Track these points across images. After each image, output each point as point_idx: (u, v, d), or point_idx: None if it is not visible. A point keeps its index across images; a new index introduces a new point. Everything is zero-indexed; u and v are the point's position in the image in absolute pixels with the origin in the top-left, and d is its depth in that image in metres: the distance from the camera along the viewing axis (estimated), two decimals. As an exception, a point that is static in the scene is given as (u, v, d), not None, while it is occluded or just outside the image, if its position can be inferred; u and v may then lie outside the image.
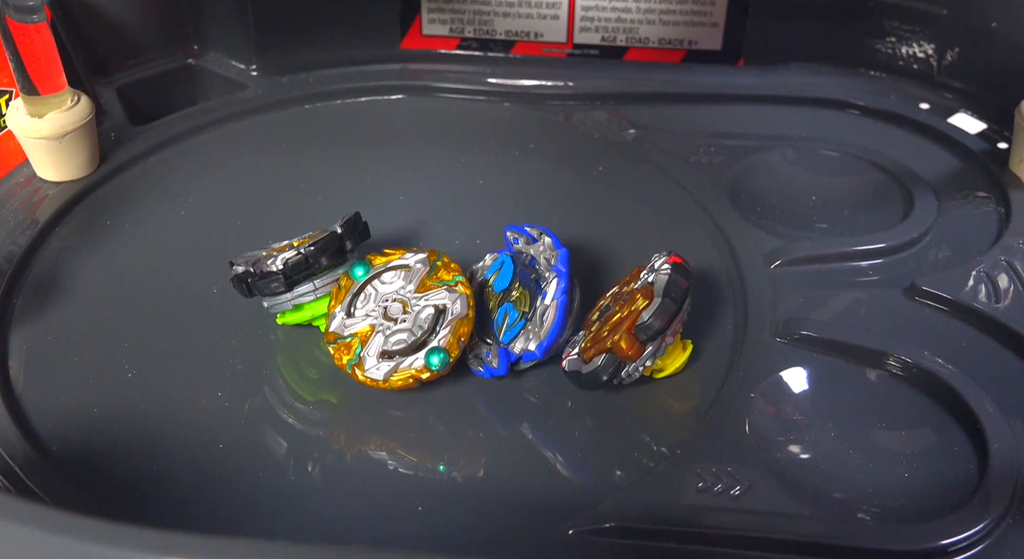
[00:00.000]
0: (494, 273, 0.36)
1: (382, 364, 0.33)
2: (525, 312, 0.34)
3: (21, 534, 0.23)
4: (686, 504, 0.30)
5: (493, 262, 0.36)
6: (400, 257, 0.35)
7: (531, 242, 0.36)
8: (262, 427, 0.33)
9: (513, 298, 0.35)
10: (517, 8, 0.52)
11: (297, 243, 0.35)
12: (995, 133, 0.48)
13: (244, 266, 0.34)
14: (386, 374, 0.33)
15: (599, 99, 0.51)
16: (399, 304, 0.34)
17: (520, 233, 0.36)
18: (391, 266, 0.35)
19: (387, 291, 0.34)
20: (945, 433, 0.32)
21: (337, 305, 0.34)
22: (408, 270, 0.35)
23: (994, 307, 0.37)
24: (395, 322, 0.34)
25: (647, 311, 0.31)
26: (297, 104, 0.51)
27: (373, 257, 0.35)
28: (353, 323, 0.34)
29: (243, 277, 0.34)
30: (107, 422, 0.33)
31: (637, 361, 0.32)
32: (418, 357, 0.33)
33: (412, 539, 0.29)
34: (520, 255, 0.36)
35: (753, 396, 0.33)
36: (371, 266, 0.35)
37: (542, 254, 0.35)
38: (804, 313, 0.37)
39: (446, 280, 0.34)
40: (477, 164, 0.46)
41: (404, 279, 0.35)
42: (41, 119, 0.42)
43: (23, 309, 0.37)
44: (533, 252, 0.36)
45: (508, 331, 0.34)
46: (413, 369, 0.33)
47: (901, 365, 0.34)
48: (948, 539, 0.28)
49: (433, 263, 0.35)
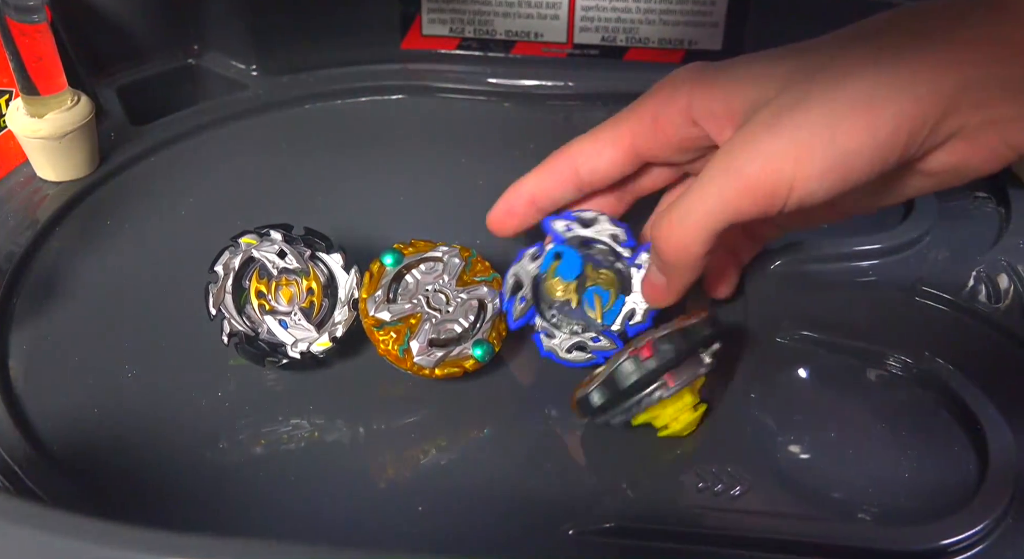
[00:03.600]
0: (551, 266, 0.35)
1: (432, 352, 0.33)
2: (618, 290, 0.34)
3: (21, 534, 0.23)
4: (686, 504, 0.30)
5: (538, 257, 0.35)
6: (433, 249, 0.35)
7: (587, 225, 0.35)
8: (262, 427, 0.33)
9: (601, 280, 0.34)
10: (517, 8, 0.52)
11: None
12: (995, 133, 0.48)
13: (244, 327, 0.35)
14: (436, 362, 0.33)
15: (599, 99, 0.51)
16: (442, 295, 0.34)
17: (567, 220, 0.35)
18: (424, 257, 0.35)
19: (427, 281, 0.35)
20: (945, 433, 0.32)
21: (372, 291, 0.34)
22: (442, 263, 0.35)
23: (994, 307, 0.37)
24: (439, 313, 0.34)
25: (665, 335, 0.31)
26: (297, 104, 0.51)
27: (402, 247, 0.35)
28: (397, 310, 0.34)
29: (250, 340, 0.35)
30: (107, 422, 0.33)
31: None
32: (465, 347, 0.34)
33: (412, 539, 0.29)
34: (571, 240, 0.35)
35: (753, 396, 0.33)
36: (402, 255, 0.35)
37: (605, 233, 0.35)
38: (804, 313, 0.37)
39: (484, 276, 0.35)
40: (477, 164, 0.46)
41: (441, 272, 0.35)
42: (41, 119, 0.42)
43: (23, 309, 0.37)
44: (592, 234, 0.35)
45: (608, 312, 0.34)
46: (460, 359, 0.34)
47: (901, 365, 0.34)
48: (948, 539, 0.28)
49: (468, 259, 0.35)
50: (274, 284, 0.35)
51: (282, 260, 0.35)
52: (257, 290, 0.35)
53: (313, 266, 0.35)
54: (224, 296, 0.34)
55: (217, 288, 0.35)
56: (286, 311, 0.35)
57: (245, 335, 0.34)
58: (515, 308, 0.34)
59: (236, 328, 0.34)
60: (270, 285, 0.35)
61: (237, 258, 0.35)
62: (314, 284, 0.35)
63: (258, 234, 0.35)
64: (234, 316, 0.34)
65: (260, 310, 0.35)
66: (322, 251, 0.35)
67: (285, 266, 0.35)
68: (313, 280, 0.35)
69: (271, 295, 0.35)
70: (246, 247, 0.35)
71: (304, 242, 0.35)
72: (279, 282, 0.35)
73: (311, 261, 0.35)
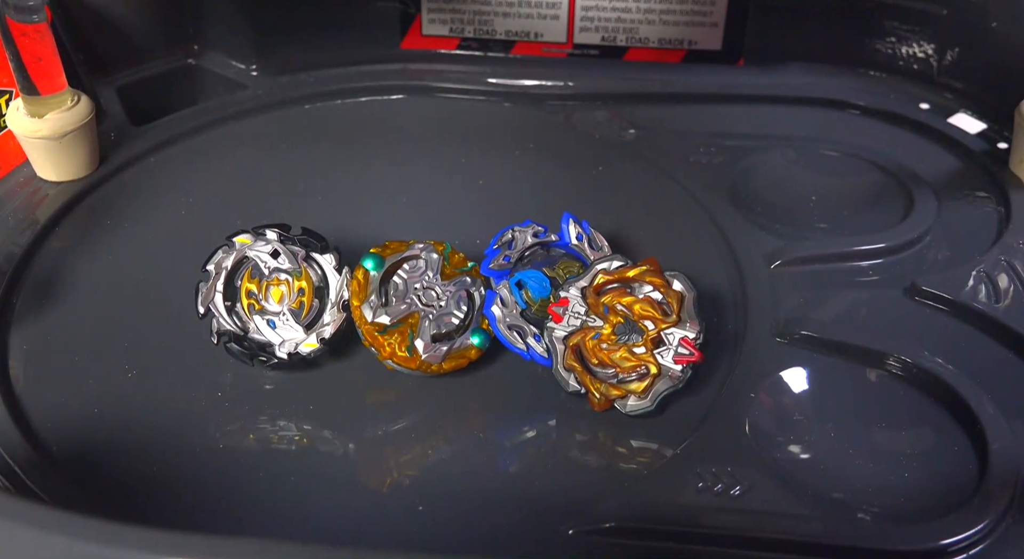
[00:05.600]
0: (525, 296, 0.35)
1: (438, 347, 0.34)
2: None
3: (21, 534, 0.23)
4: (686, 504, 0.30)
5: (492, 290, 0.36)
6: (408, 248, 0.36)
7: (510, 245, 0.36)
8: (262, 427, 0.33)
9: (572, 271, 0.36)
10: (517, 8, 0.52)
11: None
12: (995, 133, 0.48)
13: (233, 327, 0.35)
14: (443, 356, 0.34)
15: (599, 99, 0.51)
16: (432, 291, 0.35)
17: (494, 256, 0.36)
18: (404, 257, 0.35)
19: (414, 280, 0.35)
20: (945, 433, 0.32)
21: (364, 297, 0.34)
22: (423, 260, 0.35)
23: (994, 307, 0.37)
24: (434, 308, 0.35)
25: None
26: (297, 104, 0.51)
27: (379, 250, 0.35)
28: (394, 312, 0.34)
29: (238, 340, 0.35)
30: (107, 422, 0.33)
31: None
32: (464, 338, 0.34)
33: (412, 539, 0.29)
34: (516, 267, 0.36)
35: (753, 396, 0.33)
36: (382, 259, 0.35)
37: (528, 240, 0.37)
38: (804, 313, 0.37)
39: (463, 267, 0.36)
40: (477, 164, 0.46)
41: (424, 269, 0.35)
42: (41, 119, 0.42)
43: (23, 309, 0.37)
44: (521, 248, 0.36)
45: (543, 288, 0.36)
46: (463, 349, 0.34)
47: (901, 365, 0.34)
48: (948, 539, 0.28)
49: (444, 253, 0.36)
50: (265, 284, 0.35)
51: (275, 260, 0.35)
52: (247, 290, 0.35)
53: (307, 267, 0.35)
54: (214, 295, 0.34)
55: (207, 287, 0.35)
56: (275, 311, 0.35)
57: (233, 334, 0.34)
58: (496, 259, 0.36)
59: (224, 327, 0.34)
60: (261, 285, 0.35)
61: (230, 257, 0.35)
62: (305, 285, 0.35)
63: (254, 233, 0.35)
64: (223, 315, 0.34)
65: (249, 310, 0.35)
66: (316, 252, 0.35)
67: (277, 266, 0.35)
68: (304, 281, 0.35)
69: (261, 295, 0.35)
70: (240, 246, 0.35)
71: (300, 242, 0.35)
72: (270, 282, 0.35)
73: (305, 262, 0.35)
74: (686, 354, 0.33)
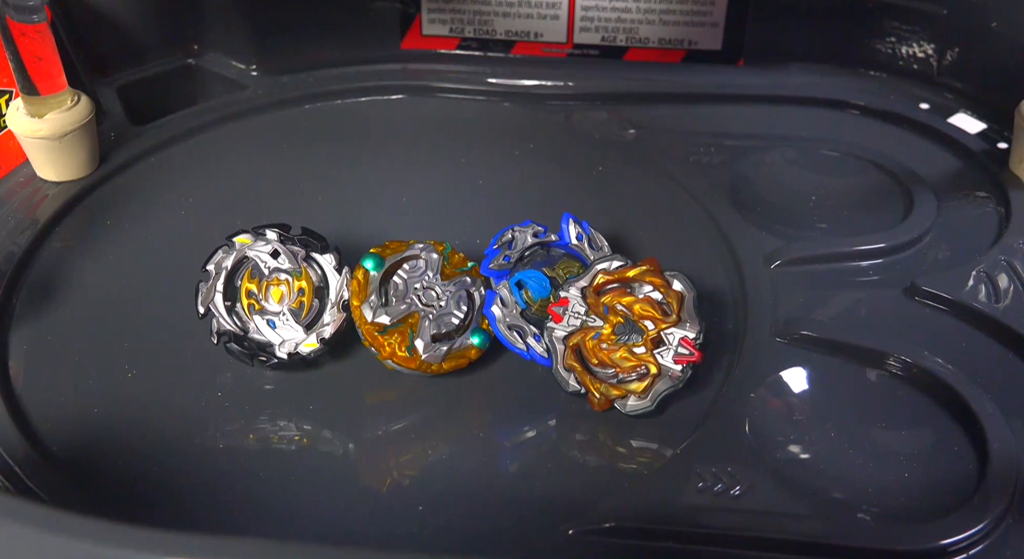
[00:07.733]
0: (525, 296, 0.35)
1: (437, 347, 0.34)
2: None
3: (21, 534, 0.23)
4: (686, 504, 0.30)
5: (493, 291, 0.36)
6: (408, 248, 0.36)
7: (511, 244, 0.36)
8: (262, 427, 0.33)
9: (572, 271, 0.36)
10: (517, 8, 0.52)
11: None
12: (995, 133, 0.48)
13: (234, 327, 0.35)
14: (443, 356, 0.34)
15: (599, 99, 0.51)
16: (432, 291, 0.35)
17: (494, 256, 0.36)
18: (404, 257, 0.35)
19: (414, 280, 0.35)
20: (945, 433, 0.32)
21: (364, 297, 0.34)
22: (423, 260, 0.35)
23: (994, 307, 0.37)
24: (434, 308, 0.34)
25: None
26: (297, 104, 0.51)
27: (379, 250, 0.35)
28: (394, 312, 0.34)
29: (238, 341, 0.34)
30: (107, 422, 0.33)
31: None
32: (464, 337, 0.34)
33: (412, 539, 0.29)
34: (516, 267, 0.36)
35: (753, 396, 0.33)
36: (382, 259, 0.35)
37: (528, 240, 0.37)
38: (804, 313, 0.37)
39: (463, 267, 0.36)
40: (477, 164, 0.46)
41: (424, 269, 0.35)
42: (41, 119, 0.42)
43: (23, 309, 0.37)
44: (521, 247, 0.36)
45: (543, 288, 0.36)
46: (463, 349, 0.34)
47: (901, 365, 0.34)
48: (948, 539, 0.28)
49: (444, 253, 0.36)
50: (265, 284, 0.35)
51: (275, 260, 0.35)
52: (247, 290, 0.35)
53: (307, 267, 0.35)
54: (214, 295, 0.34)
55: (207, 287, 0.35)
56: (275, 311, 0.35)
57: (233, 334, 0.34)
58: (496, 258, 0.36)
59: (224, 327, 0.34)
60: (261, 285, 0.35)
61: (230, 257, 0.35)
62: (305, 285, 0.35)
63: (254, 233, 0.35)
64: (223, 315, 0.34)
65: (249, 310, 0.35)
66: (316, 252, 0.35)
67: (277, 266, 0.35)
68: (304, 281, 0.35)
69: (261, 295, 0.35)
70: (240, 246, 0.35)
71: (300, 242, 0.35)
72: (270, 282, 0.35)
73: (305, 262, 0.35)
74: (686, 354, 0.33)
